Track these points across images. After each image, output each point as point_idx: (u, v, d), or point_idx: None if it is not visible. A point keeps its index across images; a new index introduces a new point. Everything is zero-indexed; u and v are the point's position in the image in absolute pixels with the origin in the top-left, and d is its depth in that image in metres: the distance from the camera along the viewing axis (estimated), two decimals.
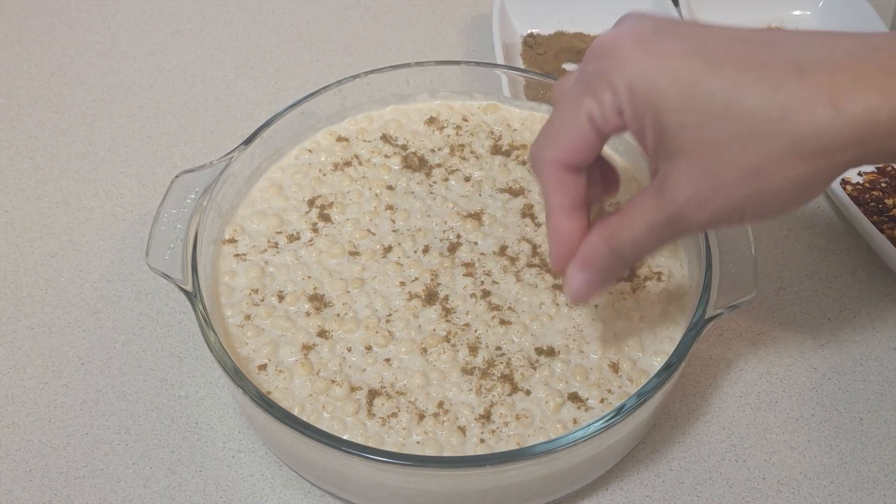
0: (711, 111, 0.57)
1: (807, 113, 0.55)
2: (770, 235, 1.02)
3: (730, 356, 0.91)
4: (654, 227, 0.63)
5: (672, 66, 0.58)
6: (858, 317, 0.94)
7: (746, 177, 0.58)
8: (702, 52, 0.58)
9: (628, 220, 0.65)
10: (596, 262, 0.67)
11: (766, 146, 0.57)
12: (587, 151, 0.65)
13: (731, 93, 0.57)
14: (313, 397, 0.77)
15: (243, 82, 1.23)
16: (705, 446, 0.85)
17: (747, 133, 0.57)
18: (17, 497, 0.81)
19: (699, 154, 0.59)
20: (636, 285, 0.85)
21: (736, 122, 0.57)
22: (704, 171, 0.59)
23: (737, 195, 0.59)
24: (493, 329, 0.81)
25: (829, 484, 0.82)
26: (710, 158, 0.59)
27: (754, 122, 0.56)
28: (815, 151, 0.56)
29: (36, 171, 1.10)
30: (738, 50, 0.58)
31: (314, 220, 0.90)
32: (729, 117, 0.57)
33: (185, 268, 0.80)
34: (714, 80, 0.57)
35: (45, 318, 0.95)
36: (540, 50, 1.22)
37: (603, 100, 0.61)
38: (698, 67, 0.58)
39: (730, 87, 0.57)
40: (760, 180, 0.58)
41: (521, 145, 0.97)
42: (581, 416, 0.76)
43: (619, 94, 0.60)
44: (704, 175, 0.59)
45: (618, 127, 0.63)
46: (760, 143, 0.57)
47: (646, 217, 0.63)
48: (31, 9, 1.35)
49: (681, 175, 0.60)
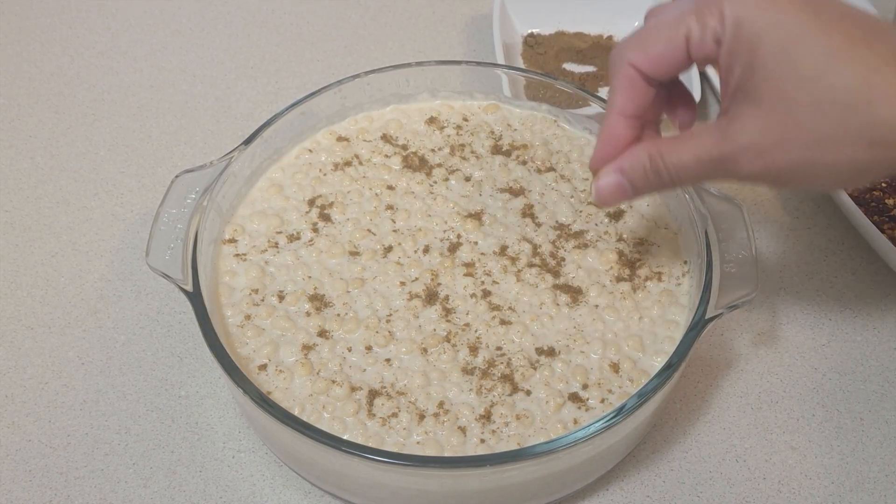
0: (804, 72, 0.59)
1: (887, 105, 0.57)
2: (770, 235, 1.02)
3: (730, 356, 0.91)
4: (704, 160, 0.65)
5: (784, 17, 0.59)
6: (859, 317, 0.94)
7: (811, 144, 0.60)
8: (816, 12, 0.59)
9: (681, 146, 0.66)
10: (634, 171, 0.69)
11: (841, 122, 0.58)
12: (670, 67, 0.66)
13: (828, 62, 0.58)
14: (313, 397, 0.77)
15: (243, 82, 1.23)
16: (706, 446, 0.85)
17: (829, 103, 0.58)
18: (17, 497, 0.81)
19: (776, 107, 0.60)
20: (636, 285, 0.85)
21: (823, 89, 0.58)
22: (775, 124, 0.61)
23: (795, 157, 0.61)
24: (494, 329, 0.81)
25: (830, 484, 0.82)
26: (785, 115, 0.60)
27: (840, 96, 0.58)
28: (885, 142, 0.58)
29: (36, 170, 1.10)
30: (848, 24, 0.59)
31: (314, 219, 0.90)
32: (818, 83, 0.58)
33: (186, 268, 0.80)
34: (818, 44, 0.58)
35: (45, 317, 0.95)
36: (540, 50, 1.22)
37: (707, 24, 0.63)
38: (808, 26, 0.59)
39: (830, 55, 0.58)
40: (823, 151, 0.60)
41: (521, 145, 0.97)
42: (581, 416, 0.76)
43: (726, 24, 0.61)
44: (773, 128, 0.61)
45: (709, 56, 0.64)
46: (838, 117, 0.58)
47: (700, 148, 0.65)
48: (31, 8, 1.35)
49: (750, 120, 0.62)
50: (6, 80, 1.23)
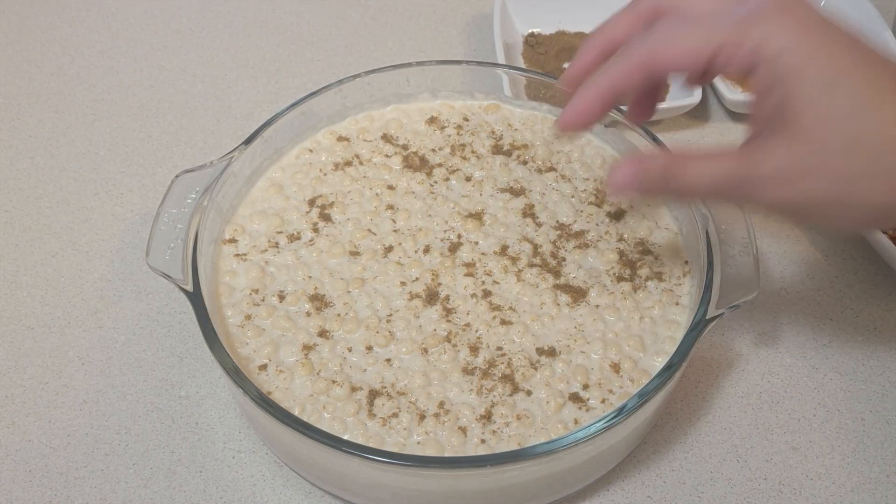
0: (841, 108, 0.59)
1: None
2: (772, 235, 1.02)
3: (731, 356, 0.91)
4: (724, 181, 0.65)
5: (825, 52, 0.60)
6: (860, 317, 0.94)
7: (838, 180, 0.60)
8: (852, 52, 0.60)
9: (704, 162, 0.66)
10: (647, 175, 0.68)
11: (871, 162, 0.59)
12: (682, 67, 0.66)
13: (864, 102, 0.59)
14: (314, 397, 0.77)
15: (244, 82, 1.23)
16: (707, 447, 0.85)
17: (860, 144, 0.59)
18: (17, 497, 0.81)
19: (810, 139, 0.61)
20: (637, 285, 0.85)
21: (857, 128, 0.59)
22: (806, 155, 0.61)
23: (821, 191, 0.62)
24: (494, 329, 0.81)
25: (831, 485, 0.82)
26: (818, 148, 0.60)
27: (872, 137, 0.59)
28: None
29: (36, 170, 1.10)
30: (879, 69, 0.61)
31: (315, 219, 0.90)
32: (854, 120, 0.59)
33: (186, 268, 0.80)
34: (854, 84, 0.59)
35: (45, 317, 0.95)
36: (541, 49, 1.22)
37: (744, 47, 0.62)
38: (846, 64, 0.60)
39: (866, 96, 0.59)
40: (850, 188, 0.60)
41: (521, 145, 0.97)
42: (582, 416, 0.76)
43: (764, 54, 0.61)
44: (803, 159, 0.61)
45: (730, 74, 0.64)
46: (868, 156, 0.59)
47: (721, 168, 0.65)
48: (31, 8, 1.35)
49: (781, 148, 0.62)
50: (6, 79, 1.23)
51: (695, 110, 1.13)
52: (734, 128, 1.14)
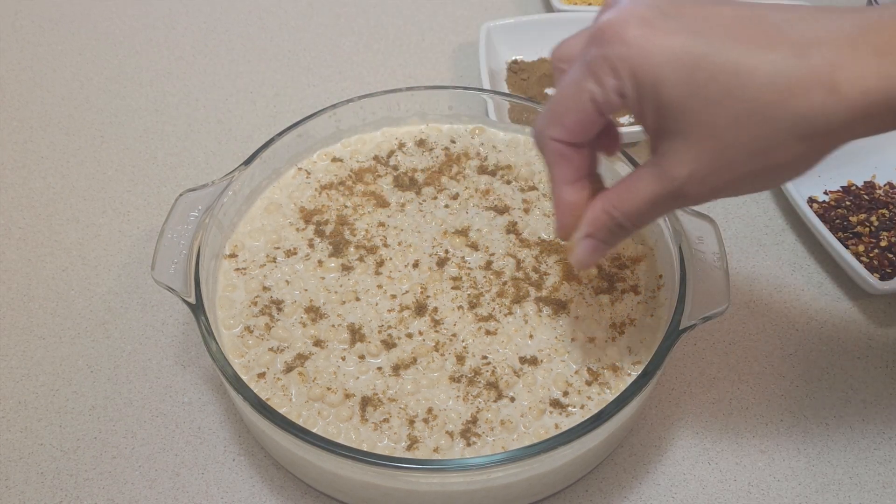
0: (712, 95, 0.57)
1: (805, 97, 0.55)
2: (741, 251, 1.02)
3: (703, 365, 0.91)
4: (655, 201, 0.63)
5: (674, 51, 0.57)
6: (825, 328, 0.95)
7: (745, 157, 0.58)
8: (704, 34, 0.57)
9: (631, 192, 0.64)
10: (599, 231, 0.67)
11: (765, 128, 0.57)
12: (589, 130, 0.65)
13: (732, 78, 0.56)
14: (309, 404, 0.77)
15: (243, 106, 1.24)
16: (680, 450, 0.85)
17: (747, 116, 0.56)
18: (29, 497, 0.81)
19: (700, 135, 0.59)
20: (615, 298, 0.85)
21: (736, 105, 0.56)
22: (705, 151, 0.59)
23: (736, 173, 0.60)
24: (480, 339, 0.82)
25: (797, 486, 0.82)
26: (711, 140, 0.58)
27: (754, 105, 0.56)
28: (814, 132, 0.56)
29: (47, 189, 1.11)
30: (738, 31, 0.57)
31: (310, 236, 0.90)
32: (729, 100, 0.57)
33: (189, 281, 0.80)
34: (715, 65, 0.56)
35: (56, 328, 0.95)
36: (524, 75, 1.23)
37: (606, 83, 0.60)
38: (700, 51, 0.57)
39: (731, 72, 0.56)
40: (759, 160, 0.58)
41: (505, 165, 0.97)
42: (563, 421, 0.76)
43: (623, 78, 0.59)
44: (705, 155, 0.59)
45: (619, 108, 0.62)
46: (760, 125, 0.57)
47: (647, 190, 0.63)
48: (43, 36, 1.35)
49: (681, 154, 0.60)
50: (20, 103, 1.24)
51: None
52: None
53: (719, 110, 0.57)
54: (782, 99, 0.55)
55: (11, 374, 0.91)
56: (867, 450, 0.85)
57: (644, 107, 0.61)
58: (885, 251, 0.98)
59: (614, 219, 0.66)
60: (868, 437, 0.86)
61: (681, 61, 0.57)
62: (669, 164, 0.61)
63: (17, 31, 1.36)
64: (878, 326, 0.95)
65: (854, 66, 0.54)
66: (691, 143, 0.59)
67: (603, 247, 0.69)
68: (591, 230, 0.68)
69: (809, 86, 0.55)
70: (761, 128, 0.57)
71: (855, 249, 0.98)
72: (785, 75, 0.55)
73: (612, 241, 0.69)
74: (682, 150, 0.60)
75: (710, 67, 0.57)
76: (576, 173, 0.68)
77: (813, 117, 0.55)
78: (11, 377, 0.91)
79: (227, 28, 1.37)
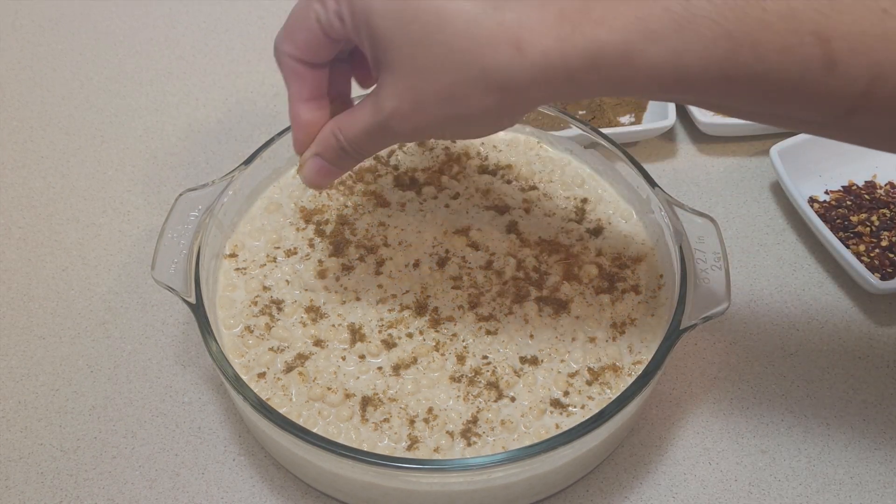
0: (416, 35, 0.58)
1: (493, 50, 0.56)
2: (742, 251, 1.02)
3: (703, 364, 0.91)
4: (370, 131, 0.65)
5: None
6: (825, 327, 0.95)
7: (441, 101, 0.59)
8: None
9: (353, 119, 0.66)
10: (327, 151, 0.69)
11: (458, 75, 0.58)
12: (319, 50, 0.66)
13: (433, 20, 0.57)
14: (310, 403, 0.77)
15: (244, 106, 1.23)
16: (680, 450, 0.85)
17: (444, 60, 0.58)
18: (29, 497, 0.81)
19: (404, 72, 0.60)
20: (615, 297, 0.85)
21: (436, 48, 0.58)
22: (407, 89, 0.60)
23: (434, 115, 0.61)
24: (480, 339, 0.82)
25: (798, 486, 0.82)
26: (413, 78, 0.60)
27: (451, 52, 0.57)
28: (500, 86, 0.57)
29: (48, 189, 1.10)
30: None
31: (311, 235, 0.90)
32: (430, 43, 0.58)
33: (189, 281, 0.80)
34: (421, 5, 0.58)
35: (56, 328, 0.95)
36: None
37: (327, 6, 0.62)
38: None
39: (433, 13, 0.57)
40: (454, 105, 0.59)
41: (506, 165, 0.97)
42: (563, 421, 0.76)
43: (341, 3, 0.61)
44: (407, 92, 0.60)
45: (343, 33, 0.63)
46: (454, 71, 0.58)
47: (364, 120, 0.65)
48: (43, 36, 1.35)
49: (389, 88, 0.62)
50: (20, 103, 1.23)
51: (669, 133, 1.13)
52: (708, 148, 1.14)
53: (420, 51, 0.58)
54: (473, 48, 0.57)
55: (11, 374, 0.91)
56: (868, 450, 0.85)
57: (360, 35, 0.62)
58: (886, 251, 0.98)
59: (339, 142, 0.68)
60: (869, 437, 0.86)
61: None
62: (382, 95, 0.63)
63: (17, 31, 1.36)
64: (879, 326, 0.95)
65: (539, 27, 0.56)
66: (397, 79, 0.61)
67: (331, 168, 0.71)
68: (320, 150, 0.70)
69: (498, 41, 0.56)
70: (453, 75, 0.58)
71: (856, 249, 0.98)
72: (479, 26, 0.57)
73: (340, 165, 0.71)
74: (389, 84, 0.62)
75: (417, 6, 0.58)
76: (311, 92, 0.69)
77: (498, 72, 0.57)
78: (11, 377, 0.91)
79: (227, 28, 1.37)
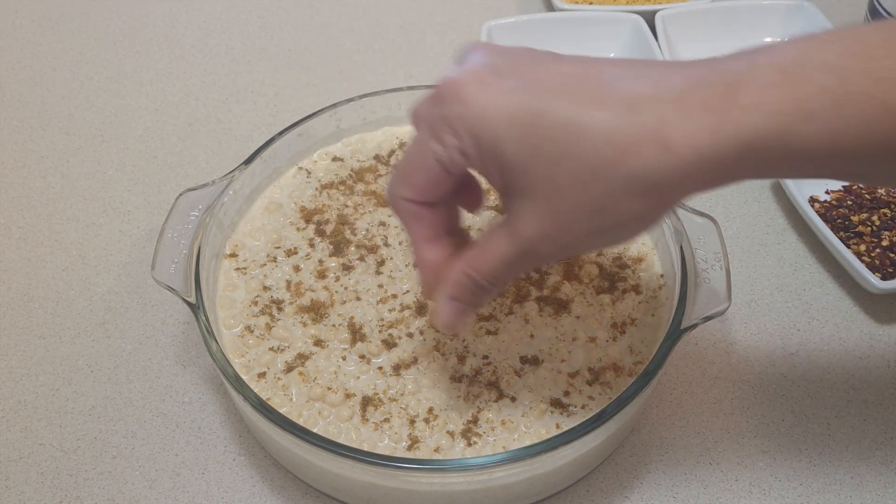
0: (550, 154, 0.57)
1: (638, 154, 0.55)
2: (742, 250, 1.02)
3: (704, 364, 0.91)
4: (510, 261, 0.63)
5: (509, 110, 0.57)
6: (826, 327, 0.94)
7: (588, 215, 0.58)
8: (539, 92, 0.57)
9: (486, 253, 0.64)
10: (461, 293, 0.66)
11: (603, 186, 0.56)
12: (438, 190, 0.64)
13: (566, 135, 0.56)
14: (310, 403, 0.77)
15: (244, 105, 1.23)
16: (681, 450, 0.85)
17: (585, 173, 0.56)
18: (29, 497, 0.81)
19: (543, 195, 0.58)
20: (616, 297, 0.85)
21: (574, 163, 0.56)
22: (549, 211, 0.59)
23: (582, 231, 0.59)
24: (481, 339, 0.81)
25: (799, 486, 0.82)
26: (554, 199, 0.58)
27: (591, 163, 0.56)
28: (650, 189, 0.56)
29: (48, 189, 1.10)
30: (572, 88, 0.57)
31: (311, 235, 0.90)
32: (567, 159, 0.56)
33: (189, 281, 0.80)
34: (549, 123, 0.56)
35: (56, 328, 0.95)
36: None
37: (447, 143, 0.60)
38: (535, 110, 0.57)
39: (564, 129, 0.56)
40: (602, 217, 0.58)
41: None
42: (564, 421, 0.76)
43: (463, 138, 0.59)
44: (550, 214, 0.59)
45: (464, 166, 0.62)
46: (598, 183, 0.56)
47: (501, 251, 0.63)
48: (43, 36, 1.35)
49: (528, 214, 0.60)
50: (20, 103, 1.23)
51: None
52: None
53: (557, 169, 0.57)
54: (615, 155, 0.55)
55: (11, 374, 0.91)
56: (869, 450, 0.85)
57: (488, 166, 0.60)
58: (887, 251, 0.98)
59: (474, 280, 0.65)
60: (870, 437, 0.86)
61: (516, 120, 0.57)
62: (519, 224, 0.61)
63: (17, 31, 1.36)
64: (880, 326, 0.95)
65: (684, 122, 0.54)
66: (536, 202, 0.59)
67: (468, 309, 0.68)
68: (454, 293, 0.67)
69: (642, 143, 0.55)
70: (598, 186, 0.56)
71: (856, 249, 0.98)
72: (618, 132, 0.55)
73: (477, 302, 0.68)
74: (528, 210, 0.60)
75: (545, 125, 0.56)
76: (432, 231, 0.67)
77: (646, 174, 0.55)
78: (11, 377, 0.91)
79: (227, 28, 1.37)
